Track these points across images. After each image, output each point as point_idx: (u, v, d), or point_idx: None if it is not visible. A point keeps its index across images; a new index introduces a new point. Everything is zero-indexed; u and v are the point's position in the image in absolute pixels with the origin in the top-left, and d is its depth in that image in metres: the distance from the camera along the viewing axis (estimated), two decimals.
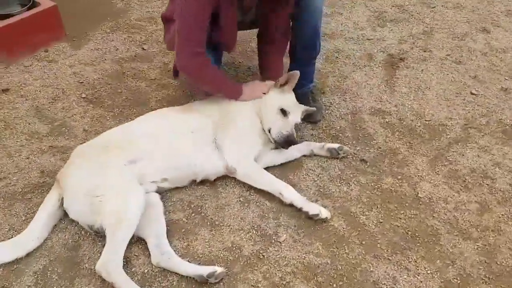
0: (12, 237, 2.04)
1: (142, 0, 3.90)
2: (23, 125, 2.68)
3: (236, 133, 2.34)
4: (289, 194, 2.19)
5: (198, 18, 2.20)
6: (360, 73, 3.11)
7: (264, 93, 2.46)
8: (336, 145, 2.46)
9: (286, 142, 2.33)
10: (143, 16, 3.69)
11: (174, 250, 2.01)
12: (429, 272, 1.97)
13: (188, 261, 1.99)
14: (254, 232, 2.12)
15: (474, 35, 3.50)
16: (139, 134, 2.27)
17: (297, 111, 2.47)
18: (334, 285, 1.92)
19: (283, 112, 2.37)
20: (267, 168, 2.37)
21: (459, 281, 1.94)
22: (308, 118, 2.71)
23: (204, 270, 1.91)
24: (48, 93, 2.92)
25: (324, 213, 2.15)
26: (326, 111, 2.80)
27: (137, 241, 2.05)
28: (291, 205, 2.19)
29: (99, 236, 2.03)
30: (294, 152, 2.48)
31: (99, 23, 3.61)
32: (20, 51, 3.16)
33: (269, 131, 2.37)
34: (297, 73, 2.39)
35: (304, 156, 2.50)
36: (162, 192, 2.26)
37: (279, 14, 2.43)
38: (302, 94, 2.74)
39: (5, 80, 3.01)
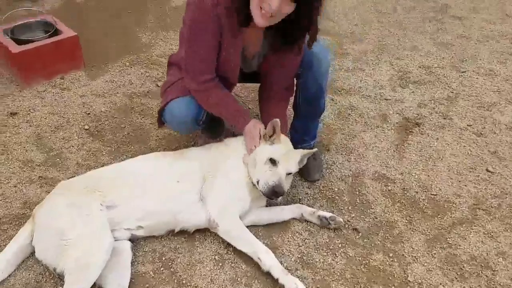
0: None
1: (168, 37, 3.95)
2: (20, 151, 2.69)
3: (224, 185, 2.23)
4: (268, 261, 2.04)
5: (200, 49, 2.14)
6: (370, 133, 2.97)
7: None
8: (328, 214, 2.31)
9: (272, 193, 2.14)
10: (165, 53, 3.72)
11: None
12: None
13: None
14: None
15: (503, 106, 3.30)
16: (122, 178, 2.20)
17: (290, 159, 2.27)
18: None
19: (272, 161, 2.20)
20: (252, 226, 2.26)
21: None
22: (305, 176, 2.59)
23: None
24: (53, 121, 2.94)
25: None
26: (327, 170, 2.67)
27: None
28: (268, 273, 2.05)
29: (62, 279, 1.95)
30: (283, 213, 2.35)
31: (121, 55, 3.66)
32: (37, 77, 3.22)
33: (258, 183, 2.21)
34: (277, 121, 2.21)
35: (294, 218, 2.36)
36: (136, 240, 2.17)
37: (283, 70, 2.35)
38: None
39: (16, 104, 3.06)
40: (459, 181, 2.64)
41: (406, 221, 2.39)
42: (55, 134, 2.85)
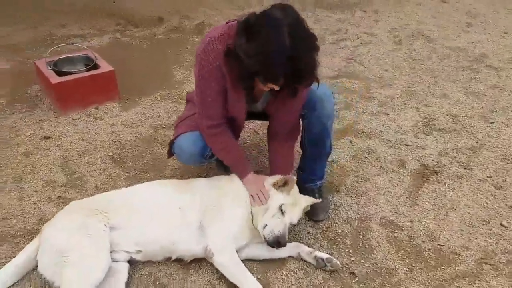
0: None
1: None
2: (46, 172, 2.89)
3: (227, 220, 2.29)
4: None
5: (207, 97, 2.26)
6: (384, 178, 2.95)
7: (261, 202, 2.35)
8: (325, 255, 2.30)
9: (276, 243, 2.20)
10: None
11: None
12: None
13: None
14: None
15: None
16: (127, 202, 2.32)
17: (295, 210, 2.33)
18: None
19: (281, 210, 2.26)
20: (248, 260, 2.30)
21: None
22: (310, 216, 2.60)
23: None
24: (81, 146, 3.14)
25: None
26: (333, 211, 2.67)
27: None
28: None
29: None
30: (281, 250, 2.36)
31: (155, 90, 3.89)
32: (73, 105, 3.48)
33: (263, 228, 2.24)
34: (293, 179, 2.32)
35: (291, 256, 2.36)
36: (135, 263, 2.26)
37: (288, 109, 2.41)
38: (309, 190, 2.65)
39: (51, 129, 3.31)
40: (470, 233, 2.55)
41: (407, 269, 2.33)
42: (81, 158, 3.04)
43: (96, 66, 3.58)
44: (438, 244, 2.48)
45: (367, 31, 5.35)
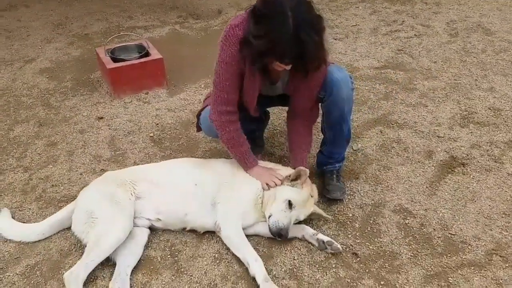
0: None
1: None
2: (94, 148, 3.25)
3: (236, 199, 2.48)
4: (255, 269, 2.24)
5: (225, 81, 2.43)
6: (408, 168, 2.97)
7: (275, 183, 2.49)
8: (326, 238, 2.40)
9: (278, 234, 2.35)
10: None
11: (135, 283, 2.24)
12: None
13: None
14: None
15: None
16: (153, 176, 2.57)
17: (303, 209, 2.45)
18: None
19: (290, 204, 2.39)
20: (257, 235, 2.48)
21: None
22: (325, 193, 2.69)
23: None
24: (128, 127, 3.48)
25: None
26: (348, 197, 2.75)
27: (112, 265, 2.32)
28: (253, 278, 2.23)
29: None
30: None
31: (200, 78, 4.14)
32: (126, 89, 3.83)
33: (269, 217, 2.40)
34: (305, 170, 2.42)
35: (296, 237, 2.48)
36: (155, 230, 2.52)
37: (305, 90, 2.51)
38: (327, 171, 2.77)
39: (105, 110, 3.69)
40: (486, 225, 2.52)
41: (412, 255, 2.37)
42: (126, 137, 3.37)
43: (147, 54, 3.90)
44: (450, 233, 2.49)
45: (423, 22, 5.23)
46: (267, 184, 2.50)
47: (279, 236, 2.36)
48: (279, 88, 2.62)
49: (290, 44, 2.08)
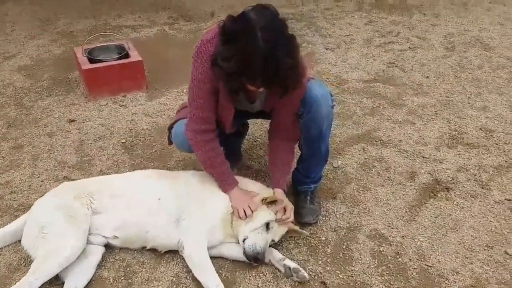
0: None
1: None
2: (60, 153, 3.09)
3: (203, 216, 2.31)
4: None
5: (199, 99, 2.26)
6: (388, 189, 2.80)
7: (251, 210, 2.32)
8: (293, 265, 2.23)
9: (254, 258, 2.20)
10: None
11: None
12: None
13: None
14: None
15: None
16: (113, 189, 2.39)
17: (279, 229, 2.33)
18: None
19: (267, 226, 2.26)
20: (221, 258, 2.32)
21: None
22: (297, 218, 2.51)
23: None
24: (99, 131, 3.31)
25: None
26: (323, 218, 2.58)
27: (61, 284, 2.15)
28: None
29: None
30: None
31: (183, 82, 3.96)
32: (102, 92, 3.67)
33: (243, 241, 2.25)
34: (281, 201, 2.30)
35: None
36: (112, 248, 2.35)
37: (283, 109, 2.37)
38: (301, 191, 2.61)
39: (78, 113, 3.53)
40: (466, 257, 2.35)
41: (384, 287, 2.20)
42: (96, 143, 3.21)
43: (127, 56, 3.74)
44: (426, 265, 2.31)
45: (420, 35, 5.07)
46: (240, 212, 2.31)
47: (256, 261, 2.21)
48: (257, 106, 2.46)
49: (260, 66, 1.90)
